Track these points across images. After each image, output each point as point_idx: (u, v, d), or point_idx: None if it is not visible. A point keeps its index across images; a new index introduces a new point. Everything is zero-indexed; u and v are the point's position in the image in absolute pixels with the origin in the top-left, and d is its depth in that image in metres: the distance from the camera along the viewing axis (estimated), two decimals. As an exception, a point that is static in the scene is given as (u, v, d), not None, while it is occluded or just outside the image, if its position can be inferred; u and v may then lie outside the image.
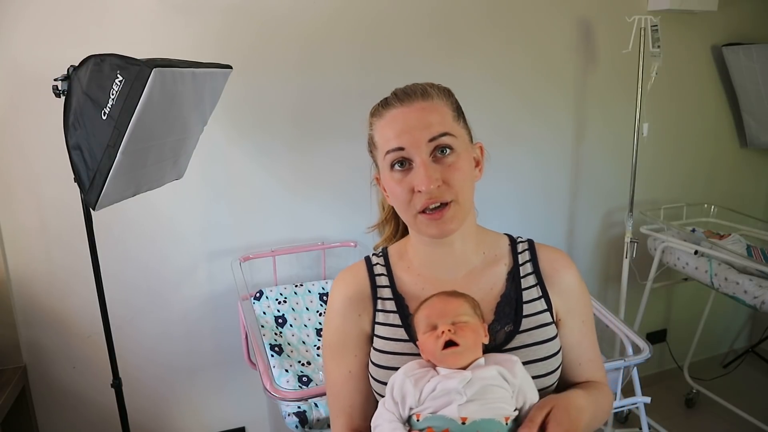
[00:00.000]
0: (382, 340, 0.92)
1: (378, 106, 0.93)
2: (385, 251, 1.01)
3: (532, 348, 0.88)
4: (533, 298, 0.92)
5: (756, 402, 2.56)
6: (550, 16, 2.24)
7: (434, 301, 0.87)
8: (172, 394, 2.03)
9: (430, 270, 0.95)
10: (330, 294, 0.98)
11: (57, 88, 1.28)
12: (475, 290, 0.92)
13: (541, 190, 2.41)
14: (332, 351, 0.96)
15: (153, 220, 1.87)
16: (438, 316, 0.84)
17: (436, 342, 0.82)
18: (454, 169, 0.85)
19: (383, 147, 0.88)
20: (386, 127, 0.88)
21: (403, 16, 2.02)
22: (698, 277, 2.23)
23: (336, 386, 0.96)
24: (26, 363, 1.82)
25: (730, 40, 2.55)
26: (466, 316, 0.84)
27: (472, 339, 0.82)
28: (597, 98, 2.40)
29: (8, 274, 1.75)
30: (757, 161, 2.82)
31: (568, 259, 0.98)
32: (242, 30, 1.84)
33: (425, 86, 0.90)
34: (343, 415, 0.95)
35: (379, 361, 0.91)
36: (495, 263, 0.96)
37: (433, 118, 0.86)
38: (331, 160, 2.04)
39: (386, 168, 0.88)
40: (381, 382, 0.90)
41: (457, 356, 0.81)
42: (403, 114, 0.87)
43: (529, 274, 0.94)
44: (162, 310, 1.94)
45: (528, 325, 0.90)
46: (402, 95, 0.89)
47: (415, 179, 0.84)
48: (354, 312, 0.94)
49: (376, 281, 0.96)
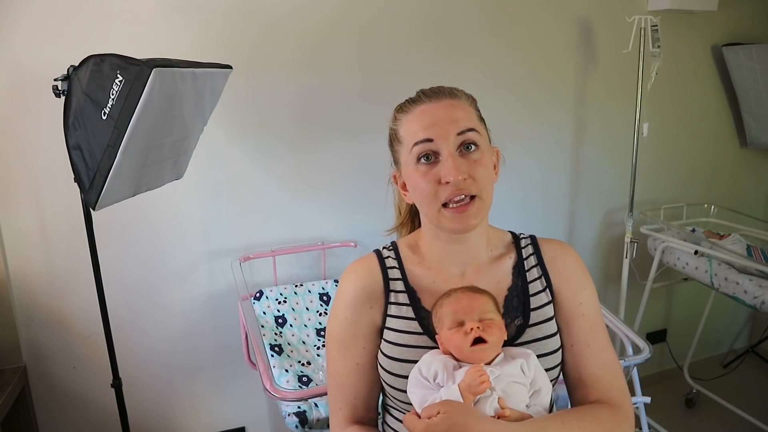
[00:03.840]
0: (395, 332, 0.93)
1: (405, 102, 0.94)
2: (395, 245, 1.02)
3: (541, 342, 0.90)
4: (538, 290, 0.94)
5: (756, 402, 2.57)
6: (550, 16, 2.24)
7: (459, 297, 0.88)
8: (172, 394, 2.03)
9: (441, 264, 0.96)
10: (340, 285, 0.99)
11: (57, 88, 1.27)
12: (484, 284, 0.94)
13: (541, 190, 2.41)
14: (340, 342, 0.96)
15: (153, 220, 1.87)
16: (465, 312, 0.85)
17: (464, 338, 0.83)
18: (479, 165, 0.88)
19: (410, 140, 0.89)
20: (414, 120, 0.90)
21: (402, 16, 2.02)
22: (698, 277, 2.23)
23: (341, 377, 0.96)
24: (26, 363, 1.82)
25: (730, 40, 2.55)
26: (491, 313, 0.86)
27: (498, 336, 0.84)
28: (597, 98, 2.40)
29: (8, 274, 1.74)
30: (757, 161, 2.82)
31: (569, 247, 0.99)
32: (242, 30, 1.84)
33: (452, 88, 0.93)
34: (346, 407, 0.96)
35: (393, 354, 0.91)
36: (500, 258, 0.98)
37: (460, 114, 0.89)
38: (331, 159, 2.04)
39: (411, 162, 0.89)
40: (393, 373, 0.91)
41: (485, 353, 0.83)
42: (431, 109, 0.89)
43: (533, 267, 0.96)
44: (162, 310, 1.94)
45: (536, 318, 0.92)
46: (430, 93, 0.92)
47: (443, 169, 0.86)
48: (366, 304, 0.95)
49: (389, 274, 0.97)
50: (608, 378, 0.91)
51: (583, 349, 0.92)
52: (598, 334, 0.93)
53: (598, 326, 0.94)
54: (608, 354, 0.93)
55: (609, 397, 0.90)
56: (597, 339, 0.93)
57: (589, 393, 0.91)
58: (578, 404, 0.92)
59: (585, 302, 0.94)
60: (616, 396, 0.90)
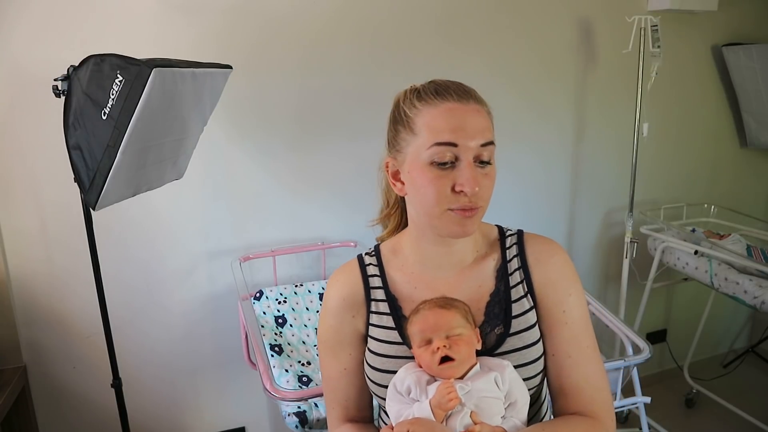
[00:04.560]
0: (377, 342, 0.92)
1: (427, 90, 0.86)
2: (378, 249, 1.00)
3: (522, 352, 0.88)
4: (520, 296, 0.90)
5: (756, 402, 2.57)
6: (550, 16, 2.24)
7: (426, 314, 0.86)
8: (173, 394, 2.03)
9: (424, 267, 0.94)
10: (325, 293, 0.99)
11: (57, 88, 1.27)
12: (465, 288, 0.92)
13: (541, 190, 2.41)
14: (328, 347, 0.97)
15: (153, 220, 1.87)
16: (431, 330, 0.84)
17: (432, 357, 0.82)
18: (488, 178, 0.85)
19: (430, 136, 0.82)
20: (440, 117, 0.83)
21: (403, 16, 2.02)
22: (698, 277, 2.23)
23: (332, 380, 0.98)
24: (26, 363, 1.82)
25: (730, 40, 2.55)
26: (459, 328, 0.84)
27: (467, 351, 0.83)
28: (597, 98, 2.40)
29: (8, 274, 1.74)
30: (757, 161, 2.82)
31: (557, 248, 0.94)
32: (242, 30, 1.84)
33: (474, 90, 0.88)
34: (338, 407, 0.98)
35: (374, 364, 0.91)
36: (484, 258, 0.94)
37: (485, 123, 0.85)
38: (331, 159, 2.04)
39: (423, 159, 0.83)
40: (376, 383, 0.91)
41: (453, 369, 0.82)
42: (461, 111, 0.83)
43: (516, 270, 0.92)
44: (162, 310, 1.94)
45: (517, 327, 0.89)
46: (459, 91, 0.85)
47: (461, 178, 0.81)
48: (348, 313, 0.95)
49: (369, 282, 0.95)
50: (589, 390, 0.87)
51: (564, 359, 0.88)
52: (581, 344, 0.89)
53: (582, 334, 0.89)
54: (591, 365, 0.89)
55: (590, 410, 0.86)
56: (580, 349, 0.88)
57: (570, 404, 0.88)
58: (559, 414, 0.90)
59: (569, 309, 0.89)
60: (597, 409, 0.87)
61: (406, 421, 0.80)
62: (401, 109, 0.88)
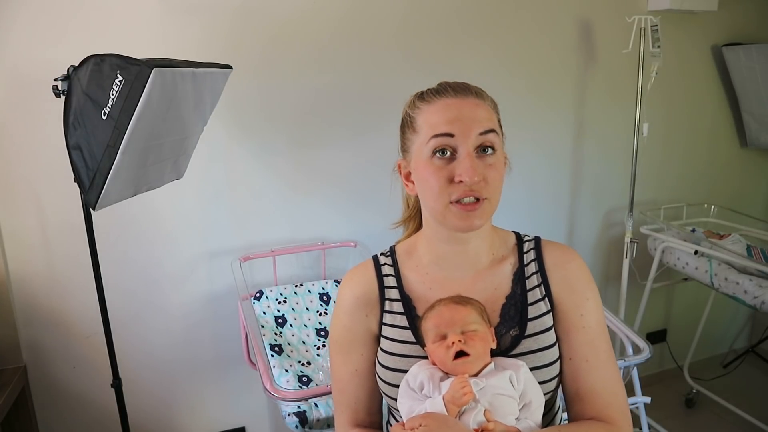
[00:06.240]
0: (390, 341, 0.92)
1: (428, 91, 0.90)
2: (393, 250, 1.00)
3: (537, 354, 0.87)
4: (537, 299, 0.91)
5: (756, 402, 2.57)
6: (550, 16, 2.23)
7: (441, 309, 0.86)
8: (172, 394, 2.03)
9: (439, 268, 0.94)
10: (338, 292, 0.99)
11: (57, 88, 1.27)
12: (481, 290, 0.92)
13: (541, 190, 2.41)
14: (339, 347, 0.96)
15: (153, 220, 1.87)
16: (447, 325, 0.84)
17: (446, 352, 0.82)
18: (493, 169, 0.85)
19: (429, 131, 0.85)
20: (437, 112, 0.86)
21: (403, 17, 2.02)
22: (698, 277, 2.23)
23: (342, 382, 0.97)
24: (26, 363, 1.82)
25: (730, 40, 2.55)
26: (474, 324, 0.84)
27: (481, 347, 0.83)
28: (597, 98, 2.39)
29: (8, 274, 1.74)
30: (757, 161, 2.82)
31: (574, 254, 0.95)
32: (243, 30, 1.84)
33: (478, 88, 0.91)
34: (347, 410, 0.97)
35: (387, 363, 0.91)
36: (500, 262, 0.94)
37: (484, 114, 0.86)
38: (332, 160, 2.04)
39: (425, 154, 0.85)
40: (388, 383, 0.91)
41: (468, 365, 0.82)
42: (456, 104, 0.86)
43: (533, 274, 0.93)
44: (162, 310, 1.94)
45: (533, 329, 0.88)
46: (456, 87, 0.89)
47: (459, 168, 0.83)
48: (361, 312, 0.95)
49: (384, 282, 0.96)
50: (606, 395, 0.87)
51: (581, 363, 0.88)
52: (598, 348, 0.89)
53: (599, 339, 0.89)
54: (608, 370, 0.89)
55: (606, 414, 0.86)
56: (596, 353, 0.89)
57: (586, 409, 0.88)
58: (575, 419, 0.89)
59: (587, 313, 0.89)
60: (614, 414, 0.86)
61: (419, 416, 0.79)
62: (406, 111, 0.92)
